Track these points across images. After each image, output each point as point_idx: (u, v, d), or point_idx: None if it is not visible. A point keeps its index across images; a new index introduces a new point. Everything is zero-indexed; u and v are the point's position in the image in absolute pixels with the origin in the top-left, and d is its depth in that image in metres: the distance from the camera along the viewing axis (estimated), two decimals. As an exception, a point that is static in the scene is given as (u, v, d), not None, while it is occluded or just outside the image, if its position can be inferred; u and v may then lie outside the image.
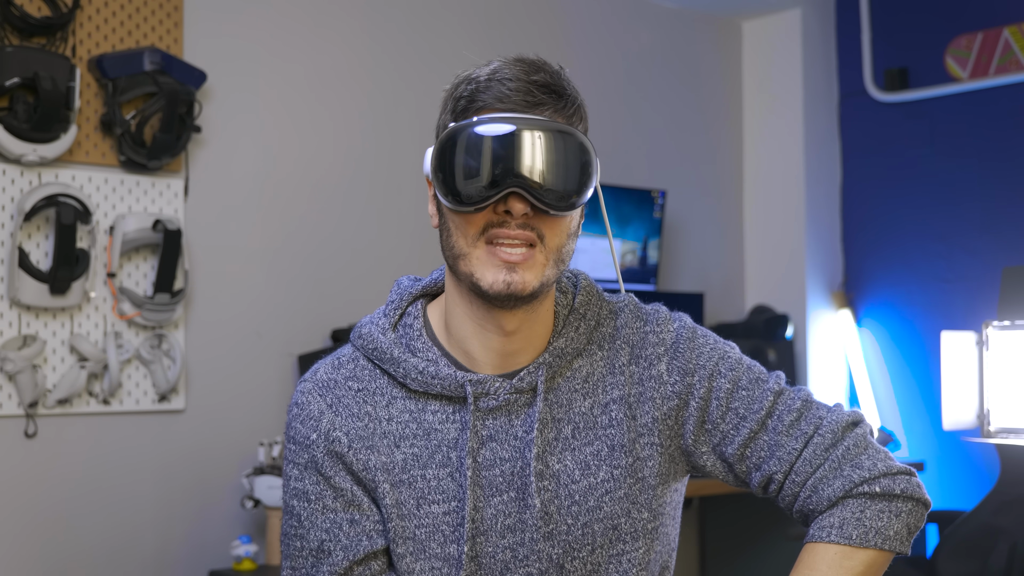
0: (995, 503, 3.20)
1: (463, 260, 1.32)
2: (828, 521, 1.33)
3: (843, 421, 1.37)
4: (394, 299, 1.43)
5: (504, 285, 1.30)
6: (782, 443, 1.36)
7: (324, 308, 3.56)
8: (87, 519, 3.15)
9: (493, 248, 1.30)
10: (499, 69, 1.32)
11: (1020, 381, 3.17)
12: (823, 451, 1.35)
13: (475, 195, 1.28)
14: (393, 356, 1.37)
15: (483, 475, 1.35)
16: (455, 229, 1.32)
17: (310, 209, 3.59)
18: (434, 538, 1.34)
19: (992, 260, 4.16)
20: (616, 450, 1.37)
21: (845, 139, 4.72)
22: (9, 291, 3.01)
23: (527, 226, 1.30)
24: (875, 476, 1.33)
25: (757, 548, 4.27)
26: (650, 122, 4.50)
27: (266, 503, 3.22)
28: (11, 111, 2.98)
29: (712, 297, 4.62)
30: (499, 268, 1.30)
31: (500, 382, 1.36)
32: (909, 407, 4.46)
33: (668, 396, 1.39)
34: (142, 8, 3.25)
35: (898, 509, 1.33)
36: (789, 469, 1.36)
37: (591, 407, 1.38)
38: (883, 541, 1.32)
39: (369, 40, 3.75)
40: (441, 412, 1.36)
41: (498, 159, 1.27)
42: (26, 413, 3.04)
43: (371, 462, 1.36)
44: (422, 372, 1.36)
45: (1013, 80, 4.22)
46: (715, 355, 1.40)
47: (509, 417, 1.36)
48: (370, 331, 1.40)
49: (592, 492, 1.35)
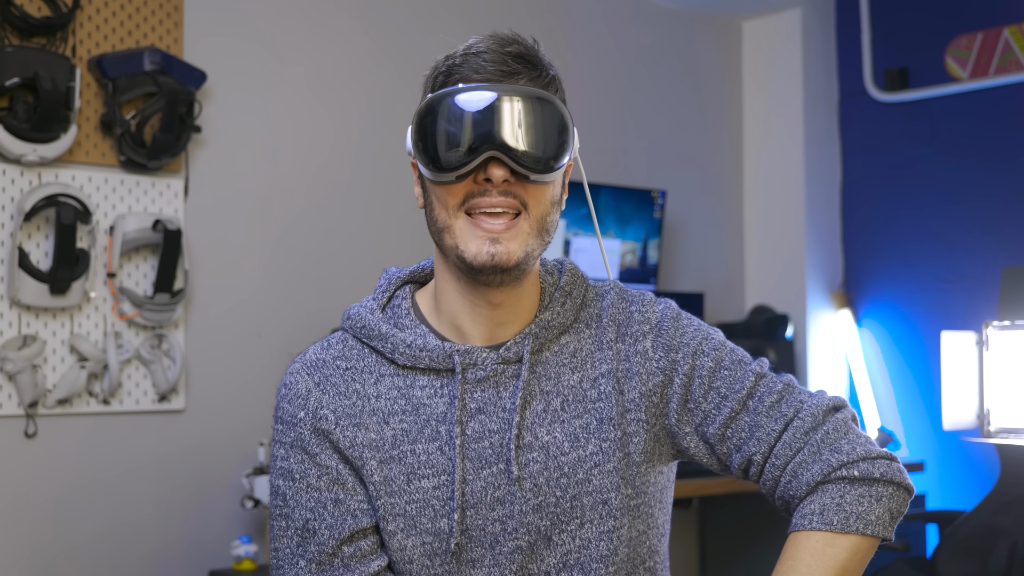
0: (995, 503, 3.20)
1: (447, 233, 1.34)
2: (809, 508, 1.32)
3: (824, 405, 1.37)
4: (382, 283, 1.46)
5: (488, 256, 1.31)
6: (762, 424, 1.36)
7: (324, 308, 3.56)
8: (87, 519, 3.15)
9: (475, 219, 1.32)
10: (474, 44, 1.35)
11: (1020, 381, 3.17)
12: (803, 434, 1.35)
13: (455, 161, 1.30)
14: (381, 332, 1.39)
15: (472, 447, 1.35)
16: (437, 202, 1.34)
17: (310, 209, 3.59)
18: (424, 513, 1.35)
19: (992, 260, 4.16)
20: (605, 423, 1.37)
21: (845, 139, 4.72)
22: (9, 291, 3.01)
23: (509, 193, 1.32)
24: (854, 460, 1.32)
25: (757, 548, 4.27)
26: (650, 122, 4.50)
27: (266, 503, 3.22)
28: (11, 111, 2.99)
29: (712, 297, 4.62)
30: (482, 239, 1.31)
31: (487, 352, 1.37)
32: (909, 407, 4.46)
33: (653, 372, 1.40)
34: (142, 8, 3.25)
35: (879, 493, 1.32)
36: (769, 451, 1.36)
37: (580, 380, 1.39)
38: (865, 526, 1.30)
39: (369, 40, 3.75)
40: (430, 386, 1.37)
41: (475, 125, 1.29)
42: (26, 413, 3.04)
43: (358, 439, 1.36)
44: (410, 345, 1.37)
45: (1013, 80, 4.22)
46: (699, 335, 1.42)
47: (497, 389, 1.37)
48: (359, 311, 1.42)
49: (581, 464, 1.36)
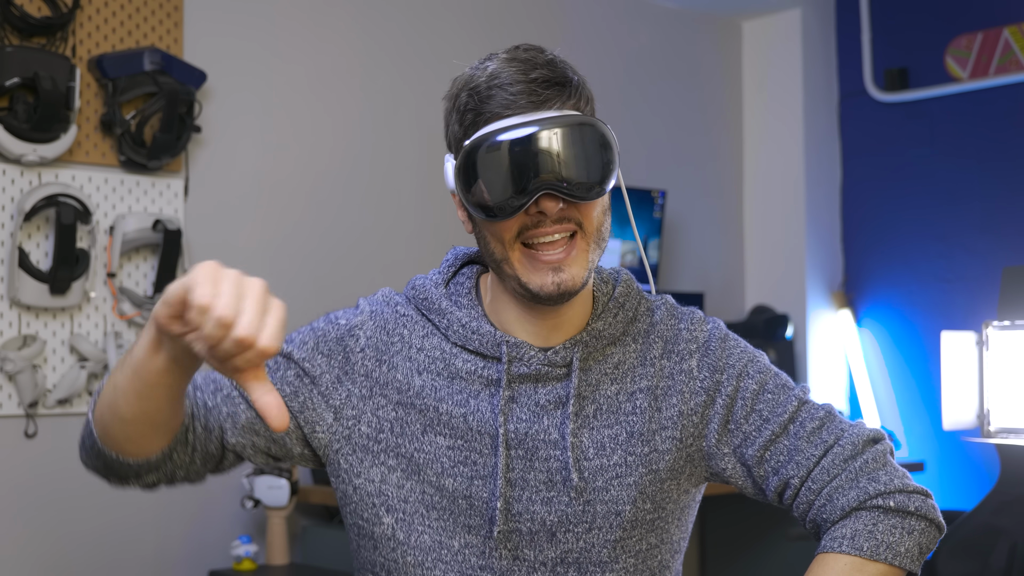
0: (995, 503, 3.20)
1: (506, 264, 1.34)
2: (840, 532, 1.33)
3: (864, 436, 1.38)
4: (449, 259, 1.47)
5: (554, 287, 1.31)
6: (802, 448, 1.37)
7: (324, 308, 3.53)
8: (87, 519, 3.15)
9: (532, 252, 1.32)
10: (497, 74, 1.31)
11: (1020, 381, 3.17)
12: (842, 461, 1.35)
13: (506, 207, 1.29)
14: (441, 307, 1.39)
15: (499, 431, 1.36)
16: (491, 237, 1.34)
17: (310, 208, 3.59)
18: (431, 466, 1.35)
19: (992, 260, 4.16)
20: (634, 437, 1.37)
21: (845, 139, 4.72)
22: (9, 291, 3.01)
23: (564, 218, 1.31)
24: (891, 491, 1.33)
25: (757, 548, 4.27)
26: (650, 122, 4.50)
27: (266, 503, 3.22)
28: (11, 111, 2.98)
29: (712, 297, 4.62)
30: (545, 271, 1.31)
31: (535, 351, 1.37)
32: (909, 407, 4.46)
33: (696, 392, 1.40)
34: (142, 8, 3.25)
35: (911, 527, 1.33)
36: (807, 475, 1.36)
37: (617, 392, 1.39)
38: (894, 556, 1.31)
39: (369, 40, 3.75)
40: (472, 363, 1.37)
41: (521, 167, 1.28)
42: (26, 413, 3.04)
43: (375, 374, 1.37)
44: (464, 326, 1.37)
45: (1013, 80, 4.21)
46: (745, 357, 1.42)
47: (535, 385, 1.36)
48: (423, 283, 1.43)
49: (602, 473, 1.36)
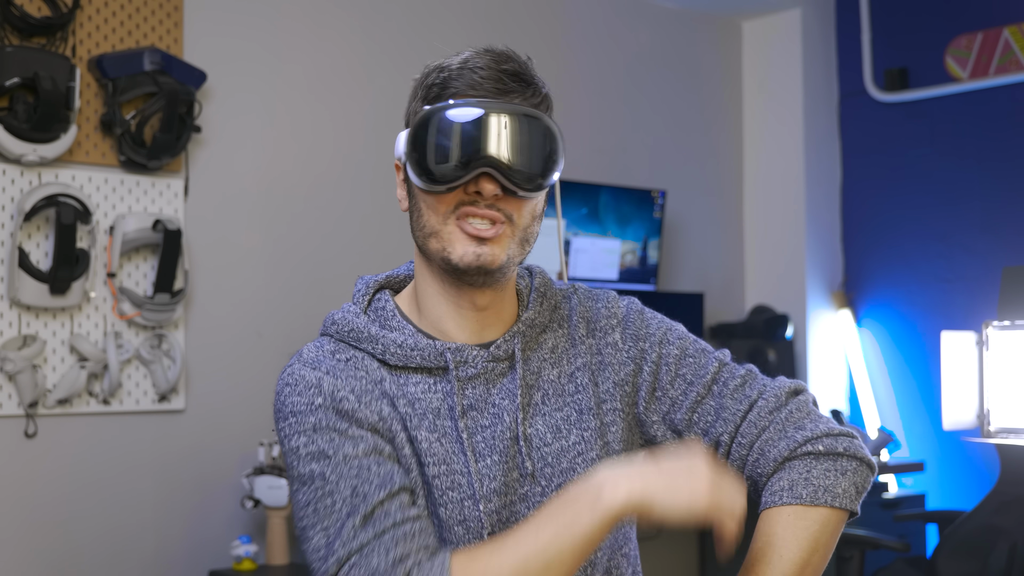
0: (995, 503, 3.20)
1: (434, 237, 1.37)
2: (778, 485, 1.37)
3: (787, 388, 1.43)
4: (360, 288, 1.49)
5: (474, 257, 1.34)
6: (727, 406, 1.42)
7: (324, 308, 3.54)
8: (87, 519, 3.15)
9: (463, 223, 1.35)
10: (470, 59, 1.37)
11: (1020, 381, 3.17)
12: (767, 414, 1.40)
13: (448, 175, 1.33)
14: (371, 333, 1.40)
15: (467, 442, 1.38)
16: (426, 209, 1.37)
17: (310, 209, 3.59)
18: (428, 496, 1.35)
19: (992, 260, 4.16)
20: (584, 414, 1.42)
21: (845, 139, 4.72)
22: (9, 291, 3.01)
23: (495, 207, 1.35)
24: (817, 436, 1.38)
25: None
26: (650, 122, 4.50)
27: (266, 503, 3.22)
28: (11, 111, 2.98)
29: (712, 297, 4.62)
30: (469, 241, 1.35)
31: (477, 350, 1.40)
32: (909, 407, 4.46)
33: (624, 362, 1.46)
34: (142, 8, 3.25)
35: (843, 467, 1.37)
36: (735, 431, 1.41)
37: (559, 375, 1.43)
38: (833, 499, 1.35)
39: (369, 40, 3.75)
40: (423, 383, 1.39)
41: (470, 141, 1.32)
42: (26, 413, 3.04)
43: (384, 412, 1.35)
44: (401, 345, 1.38)
45: (1013, 80, 4.22)
46: (664, 326, 1.49)
47: (487, 387, 1.39)
48: (343, 316, 1.43)
49: (565, 454, 1.40)
